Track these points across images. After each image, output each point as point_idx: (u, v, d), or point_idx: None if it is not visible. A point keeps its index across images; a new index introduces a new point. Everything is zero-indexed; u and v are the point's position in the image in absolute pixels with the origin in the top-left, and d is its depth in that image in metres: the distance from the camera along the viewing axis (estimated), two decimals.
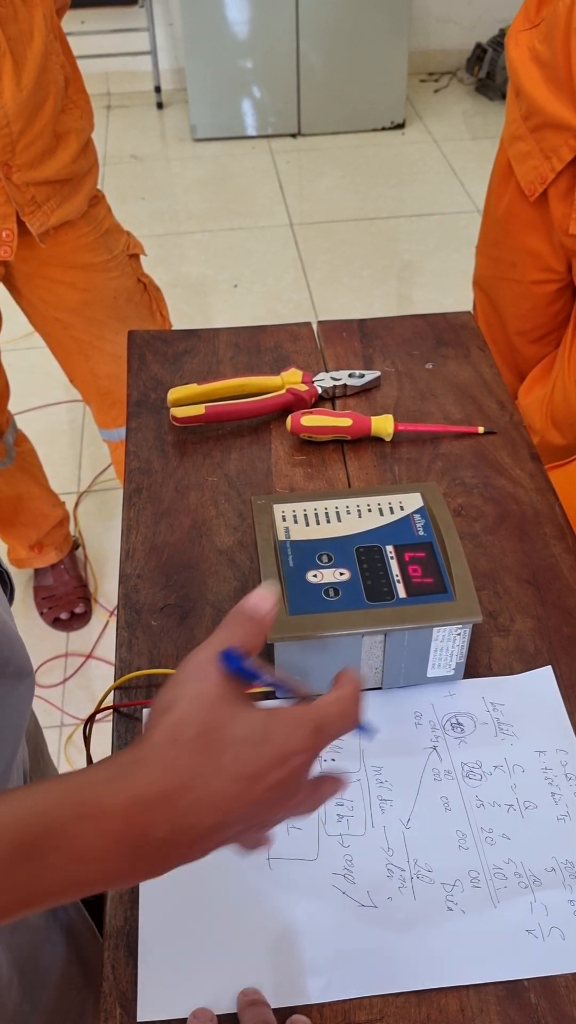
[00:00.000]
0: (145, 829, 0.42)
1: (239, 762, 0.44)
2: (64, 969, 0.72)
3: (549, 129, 1.20)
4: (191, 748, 0.44)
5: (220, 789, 0.44)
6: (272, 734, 0.45)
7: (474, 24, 3.99)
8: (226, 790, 0.44)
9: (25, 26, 1.19)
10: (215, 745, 0.44)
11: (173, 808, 0.43)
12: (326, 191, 3.38)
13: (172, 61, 3.95)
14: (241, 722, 0.45)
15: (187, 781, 0.43)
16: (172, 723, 0.45)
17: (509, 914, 0.59)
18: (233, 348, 1.06)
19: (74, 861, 0.41)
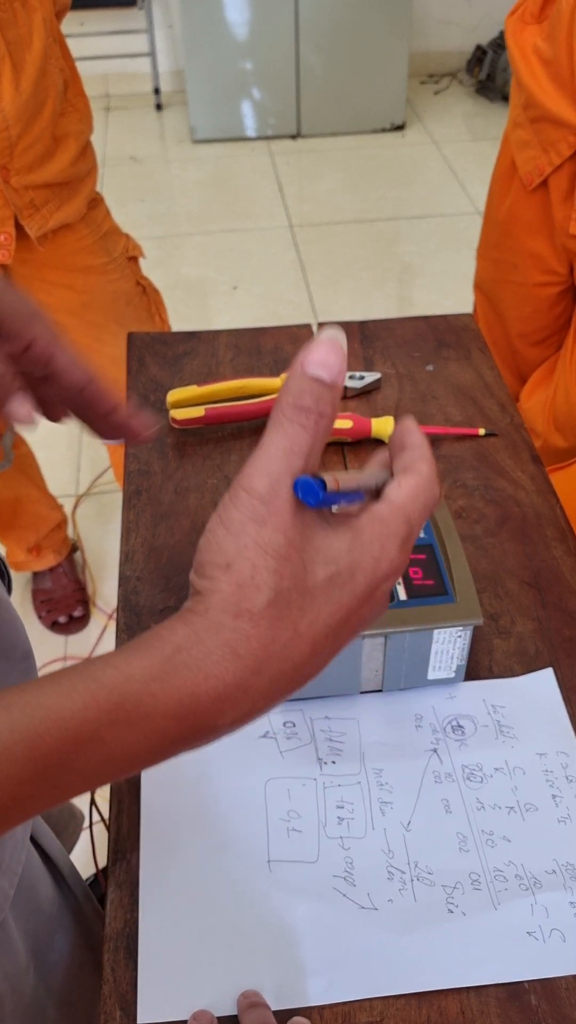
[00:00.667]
0: (200, 725, 0.35)
1: (324, 616, 0.36)
2: (76, 955, 0.72)
3: (547, 123, 1.20)
4: (263, 621, 0.34)
5: (301, 656, 0.35)
6: (359, 564, 0.36)
7: (474, 26, 4.00)
8: (310, 654, 0.36)
9: (24, 30, 1.19)
10: (293, 607, 0.35)
11: (240, 700, 0.35)
12: (326, 193, 3.38)
13: (171, 63, 3.96)
14: (320, 563, 0.36)
15: (259, 665, 0.34)
16: (234, 588, 0.35)
17: (510, 916, 0.59)
18: (233, 350, 1.06)
19: (105, 763, 0.34)
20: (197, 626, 0.34)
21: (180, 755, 0.36)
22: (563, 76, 1.16)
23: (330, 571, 0.35)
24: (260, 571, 0.34)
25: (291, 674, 0.35)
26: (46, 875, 0.69)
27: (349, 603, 0.36)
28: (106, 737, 0.33)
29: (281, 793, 0.65)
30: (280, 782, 0.66)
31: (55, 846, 0.71)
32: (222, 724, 0.35)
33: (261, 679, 0.34)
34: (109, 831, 0.64)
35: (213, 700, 0.34)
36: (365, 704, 0.71)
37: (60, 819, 0.97)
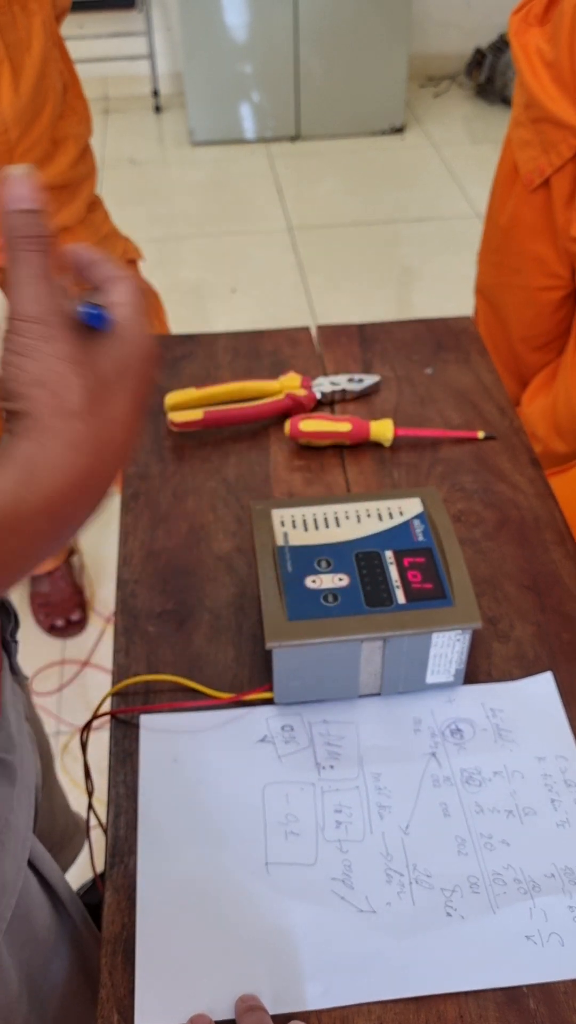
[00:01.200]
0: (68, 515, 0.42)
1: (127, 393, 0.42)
2: (71, 982, 0.71)
3: (548, 124, 1.20)
4: (87, 415, 0.41)
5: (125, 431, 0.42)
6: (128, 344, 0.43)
7: (474, 29, 4.00)
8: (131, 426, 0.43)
9: (24, 33, 1.19)
10: (103, 396, 0.41)
11: (93, 484, 0.42)
12: (325, 195, 3.38)
13: (170, 65, 3.96)
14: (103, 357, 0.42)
15: (98, 450, 0.41)
16: (52, 396, 0.40)
17: (508, 920, 0.59)
18: (231, 353, 1.06)
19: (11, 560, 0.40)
20: (37, 436, 0.40)
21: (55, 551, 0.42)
22: (565, 78, 1.16)
23: (114, 358, 0.42)
24: (67, 376, 0.40)
25: (122, 449, 0.43)
26: (44, 902, 0.68)
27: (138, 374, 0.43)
28: None
29: (279, 797, 0.65)
30: (278, 787, 0.66)
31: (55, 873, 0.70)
32: (83, 509, 0.42)
33: (102, 461, 0.41)
34: (107, 835, 0.64)
35: (73, 490, 0.40)
36: (363, 708, 0.71)
37: (65, 832, 0.97)
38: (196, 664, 0.74)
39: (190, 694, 0.71)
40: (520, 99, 1.28)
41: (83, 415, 0.40)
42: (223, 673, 0.73)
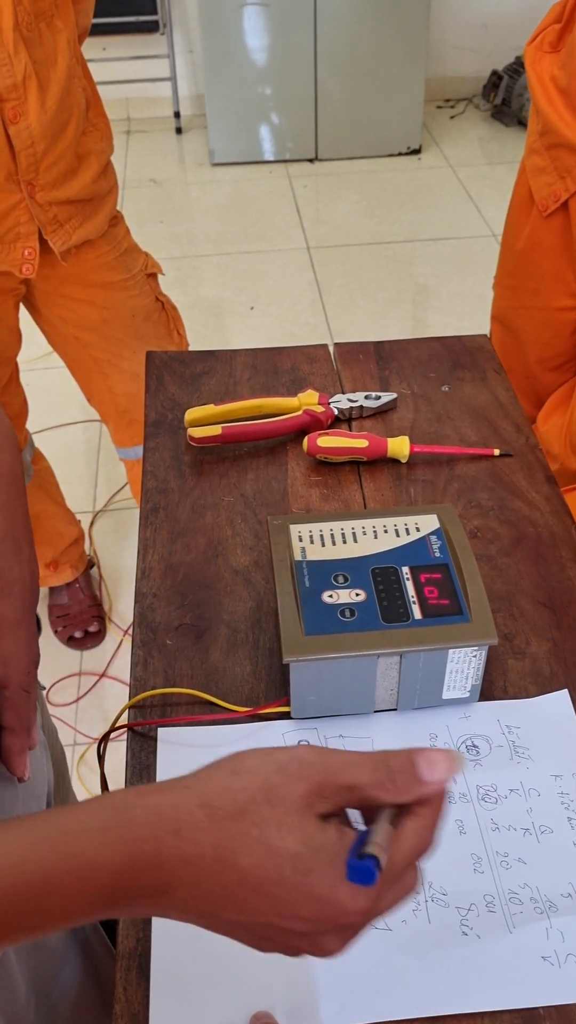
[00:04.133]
0: (133, 890, 0.38)
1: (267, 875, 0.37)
2: (81, 990, 0.71)
3: (563, 150, 1.21)
4: (222, 820, 0.37)
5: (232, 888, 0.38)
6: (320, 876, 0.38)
7: (490, 51, 4.03)
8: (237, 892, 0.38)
9: (50, 49, 1.21)
10: (249, 834, 0.37)
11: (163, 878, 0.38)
12: (343, 215, 3.40)
13: (192, 87, 4.00)
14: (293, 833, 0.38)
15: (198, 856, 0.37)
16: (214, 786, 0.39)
17: (525, 940, 0.58)
18: (250, 369, 1.07)
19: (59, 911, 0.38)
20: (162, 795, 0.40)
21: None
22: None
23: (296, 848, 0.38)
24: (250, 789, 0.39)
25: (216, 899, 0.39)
26: None
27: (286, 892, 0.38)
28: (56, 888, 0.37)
29: None
30: None
31: None
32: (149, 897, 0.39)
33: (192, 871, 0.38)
34: None
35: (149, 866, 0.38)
36: (379, 723, 0.71)
37: None
38: (213, 678, 0.74)
39: (207, 707, 0.72)
40: (535, 126, 1.29)
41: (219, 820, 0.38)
42: (240, 687, 0.73)
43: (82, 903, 0.37)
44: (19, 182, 1.25)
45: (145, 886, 0.38)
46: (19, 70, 1.17)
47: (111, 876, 0.37)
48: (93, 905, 0.37)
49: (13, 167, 1.23)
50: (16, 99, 1.18)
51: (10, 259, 1.31)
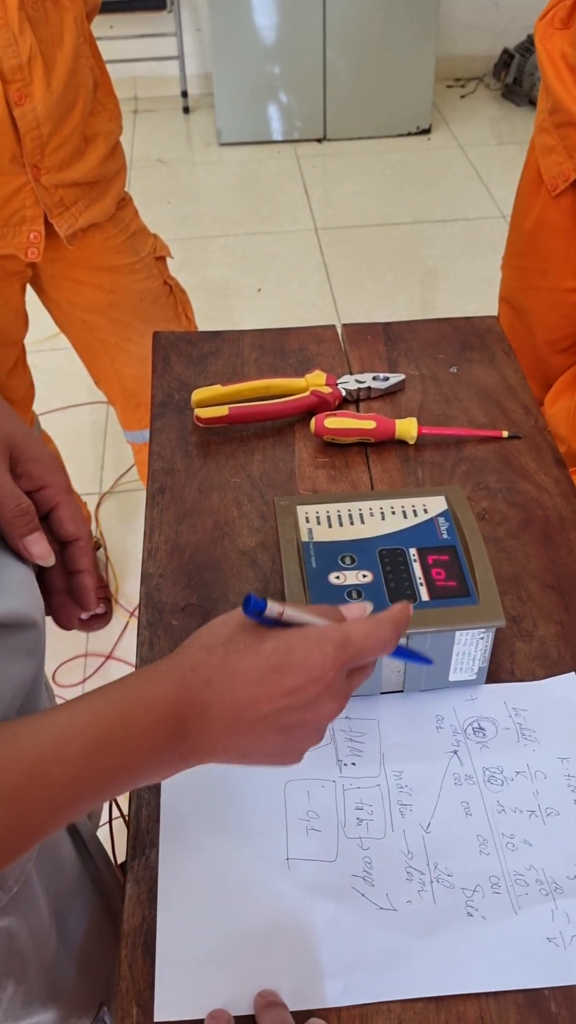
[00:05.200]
0: (181, 715, 0.49)
1: (260, 668, 0.50)
2: (95, 921, 0.74)
3: (573, 128, 1.20)
4: (218, 653, 0.50)
5: (239, 689, 0.49)
6: (296, 648, 0.50)
7: (501, 30, 3.98)
8: (244, 690, 0.49)
9: (56, 29, 1.20)
10: (242, 653, 0.50)
11: (196, 699, 0.49)
12: (351, 196, 3.38)
13: (199, 66, 3.97)
14: (269, 638, 0.51)
15: (210, 678, 0.49)
16: (208, 634, 0.52)
17: (530, 921, 0.58)
18: (258, 350, 1.06)
19: (136, 744, 0.48)
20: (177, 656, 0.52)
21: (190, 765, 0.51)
22: None
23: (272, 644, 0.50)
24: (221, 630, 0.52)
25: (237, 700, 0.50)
26: (67, 839, 0.71)
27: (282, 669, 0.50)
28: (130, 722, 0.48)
29: (300, 794, 0.65)
30: (299, 784, 0.66)
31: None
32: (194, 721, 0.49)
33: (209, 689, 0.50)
34: (128, 826, 0.64)
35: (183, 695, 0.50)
36: (386, 705, 0.71)
37: None
38: None
39: None
40: (544, 104, 1.27)
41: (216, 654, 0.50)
42: None
43: (155, 736, 0.48)
44: (24, 164, 1.24)
45: (189, 711, 0.49)
46: (24, 50, 1.16)
47: (166, 707, 0.48)
48: (163, 739, 0.48)
49: (18, 149, 1.22)
50: (21, 80, 1.17)
51: (15, 243, 1.30)
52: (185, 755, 0.50)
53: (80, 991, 0.72)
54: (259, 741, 0.51)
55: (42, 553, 0.58)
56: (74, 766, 0.46)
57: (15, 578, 0.56)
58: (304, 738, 0.53)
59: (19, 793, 0.45)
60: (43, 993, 0.68)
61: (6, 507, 0.56)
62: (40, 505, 0.60)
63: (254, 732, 0.51)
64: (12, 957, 0.63)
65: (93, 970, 0.73)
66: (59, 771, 0.46)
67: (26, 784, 0.45)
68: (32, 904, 0.64)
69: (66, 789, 0.46)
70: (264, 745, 0.52)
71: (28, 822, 0.46)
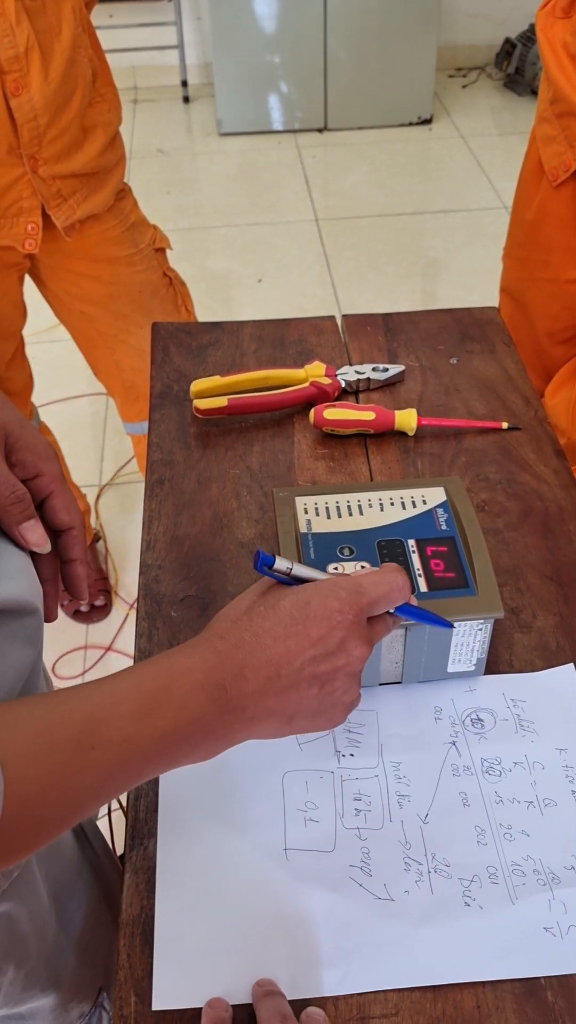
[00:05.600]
0: (218, 680, 0.51)
1: (283, 623, 0.53)
2: (94, 906, 0.74)
3: (574, 119, 1.19)
4: (242, 621, 0.54)
5: (268, 646, 0.53)
6: (312, 599, 0.54)
7: (503, 19, 3.97)
8: (274, 646, 0.53)
9: (53, 19, 1.19)
10: (264, 615, 0.54)
11: (231, 662, 0.52)
12: (352, 186, 3.37)
13: (199, 56, 3.96)
14: (285, 597, 0.54)
15: (241, 641, 0.53)
16: (228, 609, 0.56)
17: (527, 911, 0.59)
18: (257, 341, 1.06)
19: (180, 709, 0.50)
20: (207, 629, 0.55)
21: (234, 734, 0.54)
22: None
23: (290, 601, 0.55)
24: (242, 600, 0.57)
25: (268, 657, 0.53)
26: None
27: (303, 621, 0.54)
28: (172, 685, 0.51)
29: (299, 785, 0.65)
30: (298, 774, 0.66)
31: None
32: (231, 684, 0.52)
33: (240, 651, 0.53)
34: (127, 817, 0.65)
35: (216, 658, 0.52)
36: (384, 696, 0.71)
37: None
38: None
39: None
40: (545, 94, 1.26)
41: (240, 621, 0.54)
42: None
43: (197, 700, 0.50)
44: (21, 156, 1.23)
45: (226, 675, 0.51)
46: (21, 41, 1.15)
47: (203, 673, 0.51)
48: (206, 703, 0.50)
49: (15, 141, 1.22)
50: (18, 71, 1.16)
51: (12, 234, 1.30)
52: (232, 723, 0.52)
53: (79, 976, 0.73)
54: (300, 697, 0.54)
55: (38, 540, 0.58)
56: (126, 726, 0.48)
57: (14, 564, 0.56)
58: (342, 688, 0.55)
59: (74, 751, 0.46)
60: (43, 978, 0.68)
61: (1, 494, 0.57)
62: (34, 494, 0.60)
63: (293, 688, 0.53)
64: (12, 941, 0.63)
65: (92, 956, 0.74)
66: (111, 731, 0.47)
67: (79, 742, 0.46)
68: (32, 889, 0.64)
69: (119, 752, 0.47)
70: (306, 701, 0.54)
71: (84, 783, 0.46)
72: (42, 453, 0.60)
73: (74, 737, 0.46)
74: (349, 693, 0.56)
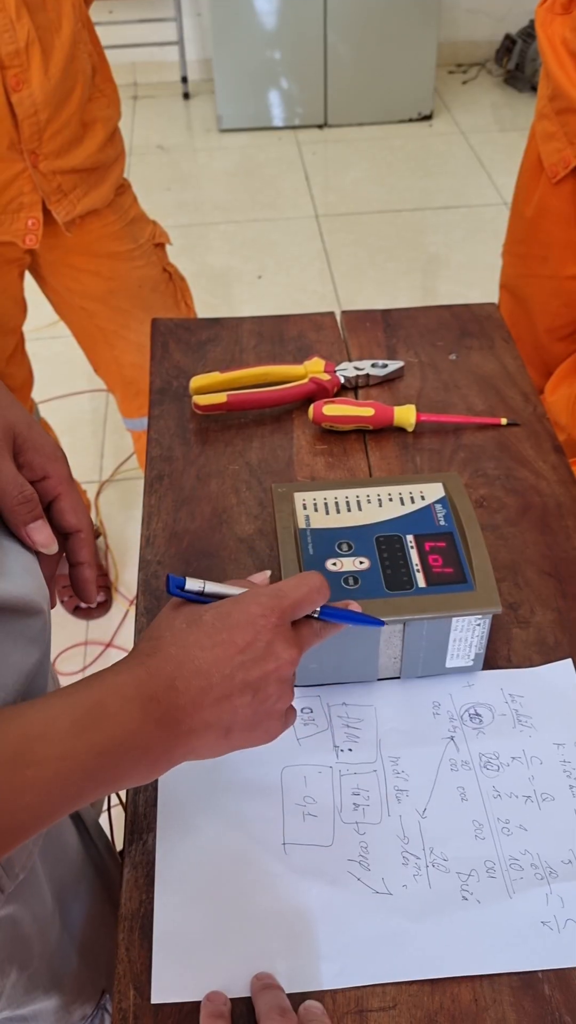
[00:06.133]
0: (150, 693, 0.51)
1: (208, 634, 0.53)
2: (97, 907, 0.74)
3: (573, 115, 1.19)
4: (166, 637, 0.54)
5: (196, 656, 0.52)
6: (232, 609, 0.54)
7: (504, 15, 3.96)
8: (202, 656, 0.52)
9: (53, 14, 1.19)
10: (186, 630, 0.54)
11: (160, 676, 0.51)
12: (352, 183, 3.36)
13: (199, 51, 3.95)
14: (207, 611, 0.55)
15: (168, 656, 0.52)
16: (150, 630, 0.55)
17: (524, 905, 0.59)
18: (256, 337, 1.06)
19: (115, 723, 0.49)
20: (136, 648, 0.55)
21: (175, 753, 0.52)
22: None
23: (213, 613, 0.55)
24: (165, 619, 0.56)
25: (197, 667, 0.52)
26: (71, 826, 0.71)
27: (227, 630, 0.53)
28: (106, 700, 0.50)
29: (297, 780, 0.66)
30: (296, 769, 0.66)
31: None
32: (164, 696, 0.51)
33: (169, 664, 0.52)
34: (126, 812, 0.65)
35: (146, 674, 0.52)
36: (383, 691, 0.71)
37: None
38: None
39: None
40: (545, 91, 1.26)
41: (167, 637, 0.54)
42: None
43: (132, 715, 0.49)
44: (22, 151, 1.23)
45: (157, 687, 0.51)
46: (22, 36, 1.15)
47: (134, 687, 0.50)
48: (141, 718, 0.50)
49: (16, 136, 1.22)
50: (19, 66, 1.16)
51: (13, 229, 1.30)
52: (168, 738, 0.51)
53: (82, 978, 0.73)
54: (234, 707, 0.53)
55: (45, 541, 0.58)
56: (62, 743, 0.47)
57: (20, 563, 0.57)
58: (275, 695, 0.54)
59: (10, 769, 0.45)
60: (46, 980, 0.68)
61: (9, 495, 0.57)
62: (41, 495, 0.60)
63: (226, 698, 0.52)
64: (16, 944, 0.63)
65: (95, 957, 0.74)
66: (47, 748, 0.46)
67: (14, 760, 0.45)
68: (36, 891, 0.64)
69: (57, 768, 0.46)
70: (240, 710, 0.53)
71: (22, 802, 0.45)
72: (50, 455, 0.60)
73: (9, 755, 0.45)
74: (283, 700, 0.55)
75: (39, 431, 0.61)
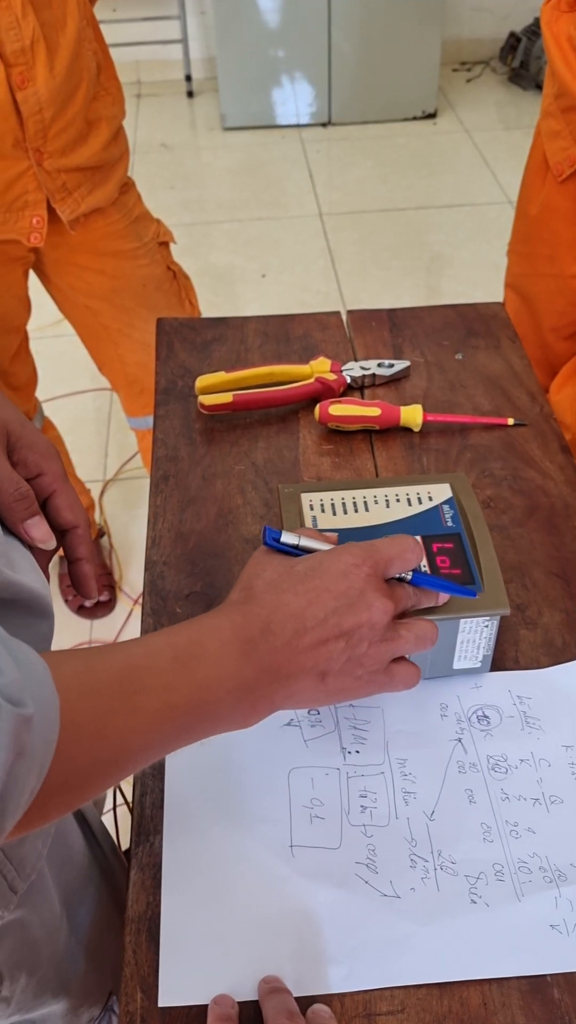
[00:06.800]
0: (247, 636, 0.53)
1: (301, 581, 0.55)
2: (104, 910, 0.74)
3: None
4: (258, 585, 0.55)
5: (290, 601, 0.54)
6: (325, 559, 0.56)
7: (508, 13, 3.95)
8: (295, 600, 0.54)
9: (59, 12, 1.19)
10: (279, 577, 0.55)
11: (256, 619, 0.53)
12: (356, 181, 3.36)
13: (203, 50, 3.94)
14: (299, 562, 0.56)
15: (263, 601, 0.54)
16: (241, 580, 0.57)
17: (533, 908, 0.58)
18: (262, 336, 1.06)
19: (214, 662, 0.51)
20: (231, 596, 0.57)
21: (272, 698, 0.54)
22: None
23: (305, 564, 0.56)
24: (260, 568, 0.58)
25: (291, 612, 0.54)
26: (77, 828, 0.71)
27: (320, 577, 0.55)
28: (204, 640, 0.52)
29: (304, 782, 0.65)
30: (303, 771, 0.66)
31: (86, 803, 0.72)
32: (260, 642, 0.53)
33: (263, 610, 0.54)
34: (132, 813, 0.65)
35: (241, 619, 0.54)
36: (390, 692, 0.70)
37: None
38: None
39: None
40: (550, 89, 1.26)
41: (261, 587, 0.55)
42: None
43: (230, 655, 0.51)
44: (27, 149, 1.23)
45: (253, 630, 0.53)
46: (27, 34, 1.15)
47: (230, 630, 0.52)
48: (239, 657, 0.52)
49: (20, 134, 1.21)
50: (24, 64, 1.16)
51: (18, 228, 1.30)
52: (268, 682, 0.53)
53: (90, 981, 0.72)
54: (329, 652, 0.54)
55: (43, 536, 0.58)
56: (164, 675, 0.49)
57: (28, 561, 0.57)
58: (369, 642, 0.55)
59: (118, 693, 0.46)
60: (54, 984, 0.68)
61: (5, 492, 0.56)
62: (37, 493, 0.60)
63: (321, 643, 0.54)
64: (25, 949, 0.63)
65: (102, 960, 0.74)
66: (151, 678, 0.48)
67: (122, 686, 0.47)
68: (44, 895, 0.64)
69: (162, 699, 0.48)
70: (336, 656, 0.54)
71: (133, 724, 0.47)
72: (44, 452, 0.60)
73: (116, 681, 0.47)
74: (378, 650, 0.56)
75: (32, 429, 0.61)
